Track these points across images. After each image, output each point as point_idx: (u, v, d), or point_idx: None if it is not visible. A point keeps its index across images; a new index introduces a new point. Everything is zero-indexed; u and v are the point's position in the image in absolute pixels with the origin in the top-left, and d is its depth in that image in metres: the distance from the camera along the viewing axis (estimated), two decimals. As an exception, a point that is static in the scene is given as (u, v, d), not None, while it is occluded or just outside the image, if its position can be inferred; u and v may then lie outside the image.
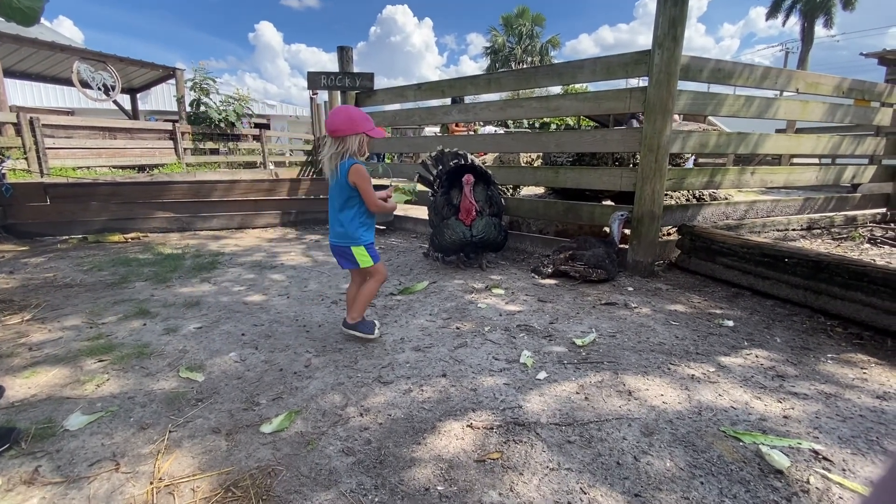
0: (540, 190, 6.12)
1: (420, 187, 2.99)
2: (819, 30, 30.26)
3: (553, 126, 12.44)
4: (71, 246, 4.18)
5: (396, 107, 5.04)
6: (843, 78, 3.97)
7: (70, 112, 17.23)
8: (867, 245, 3.78)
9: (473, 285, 3.08)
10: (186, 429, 1.51)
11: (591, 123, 8.64)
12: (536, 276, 3.26)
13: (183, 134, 10.57)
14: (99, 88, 9.87)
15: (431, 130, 13.94)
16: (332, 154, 1.97)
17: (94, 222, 4.58)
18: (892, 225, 4.43)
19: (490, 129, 8.82)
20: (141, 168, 9.75)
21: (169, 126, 10.56)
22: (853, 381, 1.82)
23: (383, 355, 2.03)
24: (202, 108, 11.27)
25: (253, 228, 5.15)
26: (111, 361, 1.96)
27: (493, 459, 1.35)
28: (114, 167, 9.33)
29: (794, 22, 31.66)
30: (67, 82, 10.56)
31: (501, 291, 2.95)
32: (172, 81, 11.46)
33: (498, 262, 3.68)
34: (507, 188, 5.35)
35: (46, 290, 2.91)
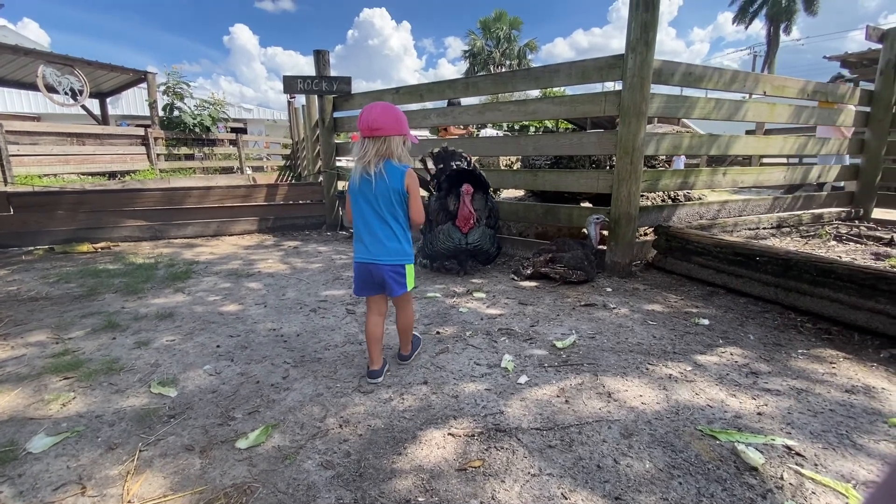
0: (520, 193, 6.17)
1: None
2: (782, 33, 31.40)
3: (532, 129, 12.57)
4: (36, 257, 4.02)
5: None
6: (808, 81, 4.12)
7: (36, 118, 16.63)
8: (833, 242, 3.91)
9: (455, 289, 3.07)
10: (158, 447, 1.46)
11: (570, 126, 8.76)
12: (517, 279, 3.27)
13: (156, 139, 10.31)
14: (66, 93, 9.55)
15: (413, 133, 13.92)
16: (374, 157, 1.71)
17: (60, 232, 4.41)
18: (857, 222, 4.61)
19: (491, 131, 8.79)
20: (112, 175, 9.46)
21: (141, 131, 10.29)
22: (823, 376, 1.87)
23: (363, 364, 2.00)
24: (176, 113, 11.01)
25: (229, 236, 5.04)
26: (78, 378, 1.88)
27: (475, 468, 1.34)
28: (83, 174, 9.04)
29: (760, 27, 32.81)
30: (33, 87, 10.18)
31: (483, 295, 2.95)
32: (144, 85, 11.18)
33: (480, 267, 3.68)
34: (491, 192, 5.37)
35: (9, 304, 2.79)
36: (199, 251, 4.31)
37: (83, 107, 10.66)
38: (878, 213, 4.88)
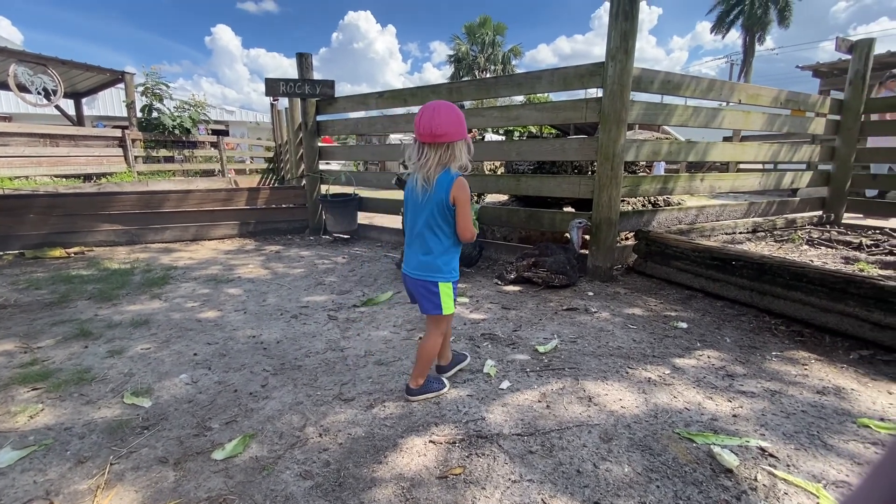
0: (504, 197, 6.21)
1: (381, 194, 2.94)
2: (757, 43, 32.39)
3: (516, 134, 12.68)
4: (5, 263, 3.88)
5: (361, 114, 4.99)
6: (781, 90, 4.24)
7: (7, 118, 16.10)
8: (806, 246, 4.03)
9: (438, 294, 3.07)
10: (130, 460, 1.41)
11: (553, 131, 8.86)
12: (500, 283, 3.29)
13: (134, 141, 10.08)
14: (39, 93, 9.28)
15: (397, 138, 13.92)
16: (435, 167, 1.55)
17: (31, 237, 4.27)
18: (828, 227, 4.76)
19: (494, 136, 8.81)
20: (87, 177, 9.21)
21: (118, 132, 10.04)
22: (796, 378, 1.92)
23: (345, 371, 1.98)
24: (155, 114, 10.79)
25: (209, 240, 4.95)
26: (47, 389, 1.82)
27: (456, 475, 1.34)
28: (56, 176, 8.78)
29: (737, 36, 33.78)
30: (4, 86, 9.85)
31: (466, 300, 2.95)
32: (121, 86, 10.93)
33: (463, 269, 3.68)
34: (472, 196, 5.39)
35: (-26, 312, 2.68)
36: (177, 256, 4.22)
37: (57, 107, 10.36)
38: (849, 217, 5.05)
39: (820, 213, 4.99)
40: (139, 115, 10.78)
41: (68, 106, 12.00)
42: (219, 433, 1.55)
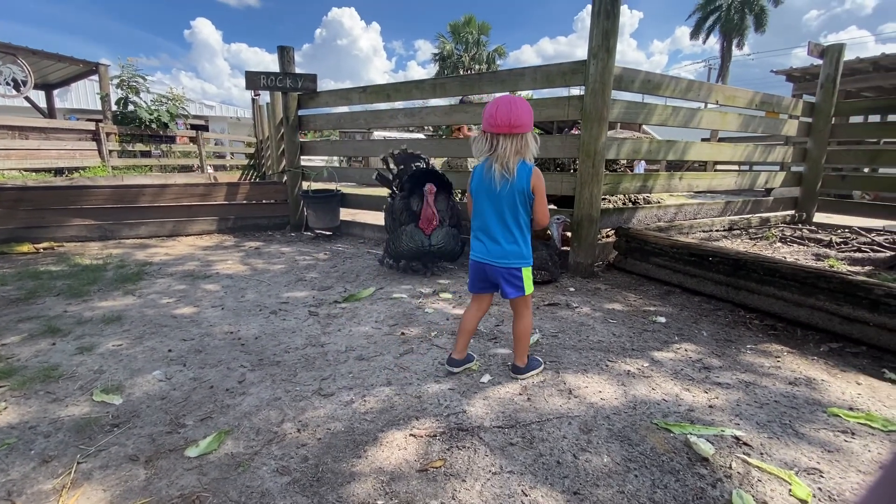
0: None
1: (364, 191, 2.92)
2: (734, 49, 33.21)
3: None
4: (-32, 258, 3.71)
5: (345, 109, 4.93)
6: (756, 92, 4.35)
7: (-28, 109, 15.42)
8: (779, 244, 4.15)
9: (421, 290, 3.06)
10: (98, 458, 1.36)
11: (537, 129, 8.92)
12: (483, 280, 3.29)
13: (108, 134, 9.77)
14: (7, 83, 8.93)
15: (380, 134, 13.83)
16: (512, 156, 1.63)
17: (-3, 231, 4.09)
18: (800, 225, 4.91)
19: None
20: (59, 171, 8.90)
21: (92, 126, 9.73)
22: (769, 370, 1.97)
23: (325, 366, 1.96)
24: (131, 108, 10.48)
25: (186, 236, 4.83)
26: (11, 387, 1.74)
27: (436, 468, 1.33)
28: (25, 170, 8.47)
29: (715, 41, 34.57)
30: (-32, 76, 9.43)
31: (449, 295, 2.95)
32: (95, 78, 10.58)
33: (446, 265, 3.68)
34: (455, 192, 5.38)
35: (-67, 309, 2.56)
36: (152, 252, 4.11)
37: (27, 98, 9.99)
38: (820, 216, 5.22)
39: (793, 212, 5.14)
40: (114, 108, 10.46)
41: (39, 98, 11.59)
42: (193, 430, 1.50)
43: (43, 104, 12.02)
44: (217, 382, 1.81)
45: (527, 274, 1.76)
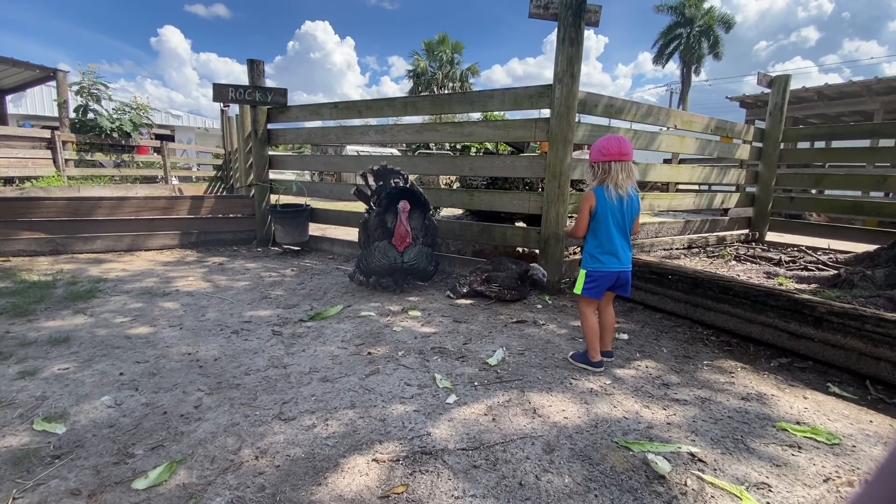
0: (459, 211, 6.28)
1: (334, 206, 2.88)
2: (693, 74, 35.03)
3: (473, 150, 12.94)
4: None
5: (317, 124, 4.89)
6: (711, 118, 4.61)
7: (-87, 112, 14.46)
8: (734, 262, 4.35)
9: (390, 308, 3.03)
10: (36, 493, 1.28)
11: (508, 148, 9.11)
12: (453, 297, 3.30)
13: (65, 143, 9.35)
14: (-47, 87, 8.43)
15: (353, 149, 13.78)
16: (631, 181, 2.07)
17: (-66, 245, 3.82)
18: (753, 244, 5.17)
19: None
20: (8, 181, 8.43)
21: (47, 133, 9.29)
22: (724, 385, 2.05)
23: (287, 389, 1.90)
24: (91, 116, 10.09)
25: (146, 251, 4.65)
26: (-61, 417, 1.61)
27: (398, 494, 1.31)
28: (-30, 179, 7.97)
29: (675, 67, 36.40)
30: None
31: (418, 313, 2.94)
32: (53, 84, 10.14)
33: (418, 283, 3.67)
34: (431, 210, 5.40)
35: None
36: (108, 267, 3.92)
37: (-25, 103, 9.46)
38: (772, 235, 5.52)
39: (747, 231, 5.41)
40: (72, 115, 10.04)
41: (-11, 103, 10.99)
42: (142, 460, 1.43)
43: (-6, 110, 11.41)
44: (171, 408, 1.73)
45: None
